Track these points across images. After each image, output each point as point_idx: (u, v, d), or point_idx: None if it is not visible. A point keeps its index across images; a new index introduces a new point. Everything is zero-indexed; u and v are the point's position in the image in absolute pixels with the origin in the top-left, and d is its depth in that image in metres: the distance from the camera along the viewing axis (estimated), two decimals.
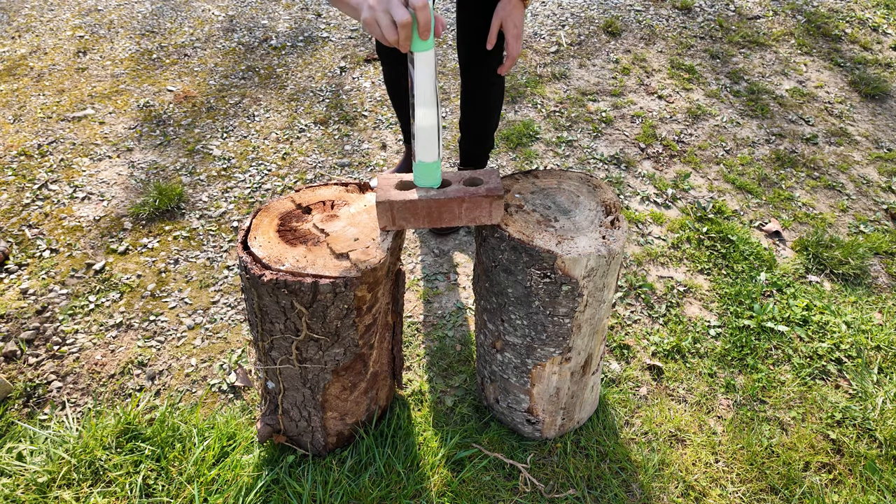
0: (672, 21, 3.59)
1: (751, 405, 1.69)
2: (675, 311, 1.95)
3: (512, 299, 1.32)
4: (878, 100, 3.09)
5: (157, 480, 1.40)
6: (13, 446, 1.46)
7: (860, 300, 2.02)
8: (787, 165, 2.63)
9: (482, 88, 1.89)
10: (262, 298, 1.17)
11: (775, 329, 1.89)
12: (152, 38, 3.19)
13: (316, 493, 1.38)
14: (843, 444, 1.60)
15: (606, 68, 3.16)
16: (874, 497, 1.47)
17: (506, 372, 1.46)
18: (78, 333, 1.80)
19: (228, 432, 1.50)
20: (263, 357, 1.31)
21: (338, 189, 1.37)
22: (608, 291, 1.33)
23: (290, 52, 3.14)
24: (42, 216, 2.17)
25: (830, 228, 2.33)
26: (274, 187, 2.35)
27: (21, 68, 2.92)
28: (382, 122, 2.70)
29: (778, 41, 3.48)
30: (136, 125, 2.61)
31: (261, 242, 1.20)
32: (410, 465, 1.46)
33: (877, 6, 3.85)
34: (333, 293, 1.14)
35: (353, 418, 1.44)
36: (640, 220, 2.28)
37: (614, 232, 1.27)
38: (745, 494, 1.48)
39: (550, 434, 1.55)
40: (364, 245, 1.21)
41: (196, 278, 1.98)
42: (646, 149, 2.64)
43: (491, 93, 1.91)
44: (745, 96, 3.03)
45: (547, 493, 1.44)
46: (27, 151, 2.44)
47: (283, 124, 2.66)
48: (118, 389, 1.67)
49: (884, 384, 1.74)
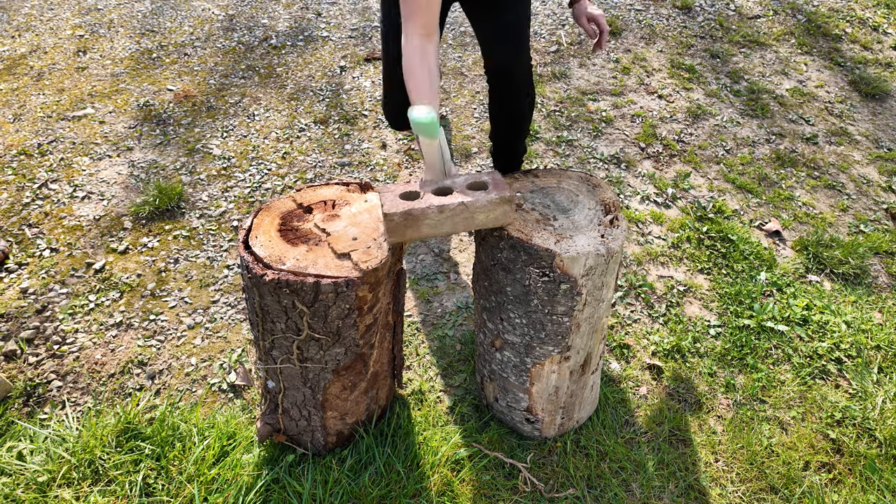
0: (672, 20, 3.59)
1: (751, 405, 1.69)
2: (675, 311, 1.95)
3: (511, 298, 1.32)
4: (878, 99, 3.09)
5: (156, 480, 1.40)
6: (13, 445, 1.46)
7: (860, 300, 2.02)
8: (787, 165, 2.63)
9: (518, 98, 1.79)
10: (263, 298, 1.17)
11: (775, 329, 1.89)
12: (152, 38, 3.19)
13: (316, 493, 1.38)
14: (842, 443, 1.60)
15: (606, 68, 3.16)
16: (874, 496, 1.47)
17: (505, 371, 1.46)
18: (78, 333, 1.80)
19: (228, 432, 1.50)
20: (264, 356, 1.31)
21: (339, 189, 1.37)
22: (607, 290, 1.33)
23: (290, 51, 3.14)
24: (42, 215, 2.17)
25: (830, 228, 2.33)
26: (274, 187, 2.35)
27: (21, 67, 2.92)
28: (382, 121, 2.70)
29: (778, 41, 3.48)
30: (136, 124, 2.61)
31: (262, 242, 1.20)
32: (410, 465, 1.46)
33: (877, 6, 3.85)
34: (335, 293, 1.14)
35: (354, 418, 1.44)
36: (640, 220, 2.28)
37: (613, 231, 1.27)
38: (744, 494, 1.48)
39: (550, 433, 1.55)
40: (365, 245, 1.21)
41: (196, 277, 1.99)
42: (646, 148, 2.64)
43: (528, 102, 1.83)
44: (745, 96, 3.03)
45: (547, 493, 1.45)
46: (27, 150, 2.44)
47: (283, 123, 2.66)
48: (118, 389, 1.67)
49: (883, 384, 1.74)
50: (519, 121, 1.89)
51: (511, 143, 1.98)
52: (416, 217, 1.18)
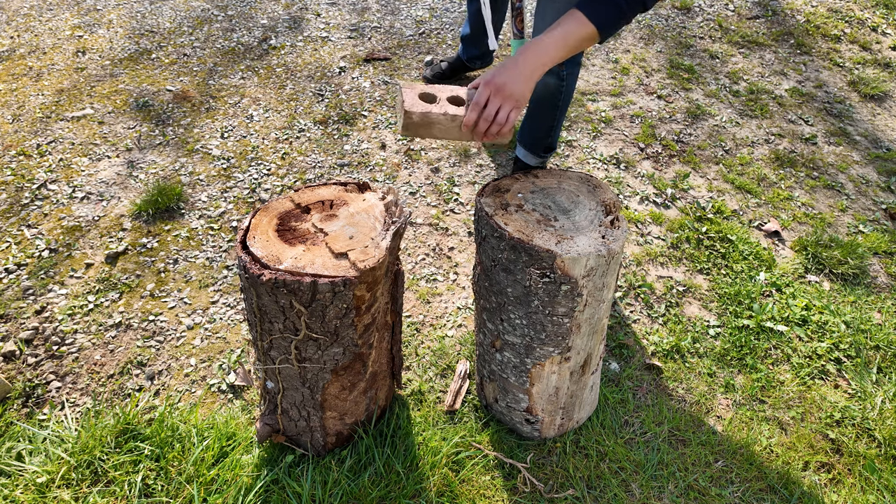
0: (671, 21, 3.59)
1: (750, 405, 1.69)
2: (675, 311, 1.95)
3: (511, 299, 1.32)
4: (877, 100, 3.09)
5: (156, 480, 1.40)
6: (12, 446, 1.46)
7: (859, 300, 2.02)
8: (786, 165, 2.63)
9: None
10: (260, 298, 1.17)
11: (774, 329, 1.89)
12: (151, 38, 3.19)
13: (315, 493, 1.38)
14: (842, 443, 1.60)
15: (606, 68, 3.16)
16: (873, 496, 1.47)
17: (505, 371, 1.46)
18: (77, 333, 1.80)
19: (228, 432, 1.49)
20: (262, 357, 1.31)
21: (337, 189, 1.37)
22: (607, 291, 1.33)
23: (290, 51, 3.14)
24: (41, 216, 2.17)
25: (830, 228, 2.33)
26: (273, 187, 2.34)
27: (20, 68, 2.92)
28: (382, 121, 2.70)
29: (777, 41, 3.48)
30: (135, 125, 2.61)
31: (260, 242, 1.20)
32: (410, 465, 1.46)
33: (876, 6, 3.85)
34: (332, 293, 1.14)
35: (353, 418, 1.44)
36: (640, 220, 2.28)
37: (614, 232, 1.26)
38: (744, 494, 1.48)
39: (550, 434, 1.55)
40: (363, 244, 1.21)
41: (195, 278, 1.98)
42: (645, 149, 2.64)
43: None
44: (744, 96, 3.03)
45: (546, 493, 1.44)
46: (26, 151, 2.43)
47: (282, 124, 2.66)
48: (117, 389, 1.67)
49: (883, 384, 1.74)
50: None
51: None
52: (431, 120, 1.26)
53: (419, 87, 1.32)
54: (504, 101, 1.23)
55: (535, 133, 2.14)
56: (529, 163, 2.24)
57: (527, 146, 2.21)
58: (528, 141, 2.19)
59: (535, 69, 1.25)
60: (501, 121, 1.24)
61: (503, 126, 1.24)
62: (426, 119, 1.26)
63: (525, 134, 2.19)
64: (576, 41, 1.26)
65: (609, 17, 1.25)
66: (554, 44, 1.25)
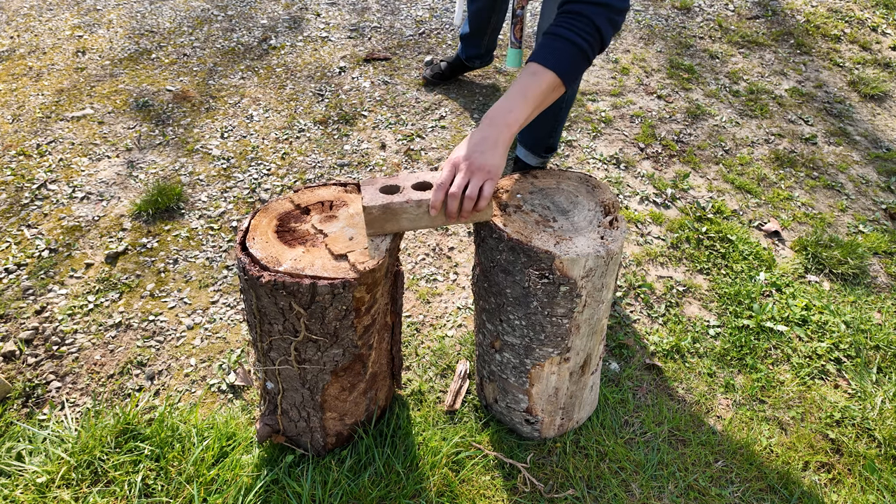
0: (671, 21, 3.59)
1: (750, 405, 1.69)
2: (675, 311, 1.95)
3: (510, 299, 1.32)
4: (877, 100, 3.09)
5: (156, 480, 1.40)
6: (12, 446, 1.46)
7: (859, 300, 2.02)
8: (786, 165, 2.63)
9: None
10: (260, 299, 1.17)
11: (774, 329, 1.89)
12: (151, 38, 3.19)
13: (315, 493, 1.38)
14: (842, 443, 1.60)
15: (606, 68, 3.15)
16: (873, 497, 1.47)
17: (504, 372, 1.46)
18: (77, 333, 1.80)
19: (228, 432, 1.50)
20: (262, 358, 1.31)
21: (336, 189, 1.37)
22: (607, 292, 1.33)
23: (290, 51, 3.14)
24: (41, 216, 2.17)
25: (830, 228, 2.33)
26: (273, 187, 2.35)
27: (20, 68, 2.92)
28: (382, 122, 2.70)
29: (777, 41, 3.48)
30: (135, 125, 2.61)
31: (259, 243, 1.20)
32: (410, 465, 1.46)
33: (876, 6, 3.85)
34: (332, 294, 1.14)
35: (353, 418, 1.44)
36: (640, 220, 2.28)
37: (613, 232, 1.26)
38: (744, 494, 1.48)
39: (549, 434, 1.55)
40: (362, 246, 1.21)
41: (195, 278, 1.98)
42: (645, 149, 2.64)
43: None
44: (744, 96, 3.03)
45: (546, 493, 1.45)
46: (26, 151, 2.44)
47: (282, 124, 2.66)
48: (117, 389, 1.67)
49: (883, 384, 1.74)
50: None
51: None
52: (395, 211, 1.19)
53: (381, 180, 1.24)
54: (473, 175, 1.15)
55: (536, 133, 2.14)
56: (530, 163, 2.24)
57: (528, 146, 2.21)
58: (529, 141, 2.19)
59: (501, 133, 1.18)
60: (472, 195, 1.14)
61: (476, 201, 1.15)
62: (389, 211, 1.18)
63: (526, 134, 2.19)
64: (537, 93, 1.20)
65: (564, 58, 1.20)
66: (514, 102, 1.19)
